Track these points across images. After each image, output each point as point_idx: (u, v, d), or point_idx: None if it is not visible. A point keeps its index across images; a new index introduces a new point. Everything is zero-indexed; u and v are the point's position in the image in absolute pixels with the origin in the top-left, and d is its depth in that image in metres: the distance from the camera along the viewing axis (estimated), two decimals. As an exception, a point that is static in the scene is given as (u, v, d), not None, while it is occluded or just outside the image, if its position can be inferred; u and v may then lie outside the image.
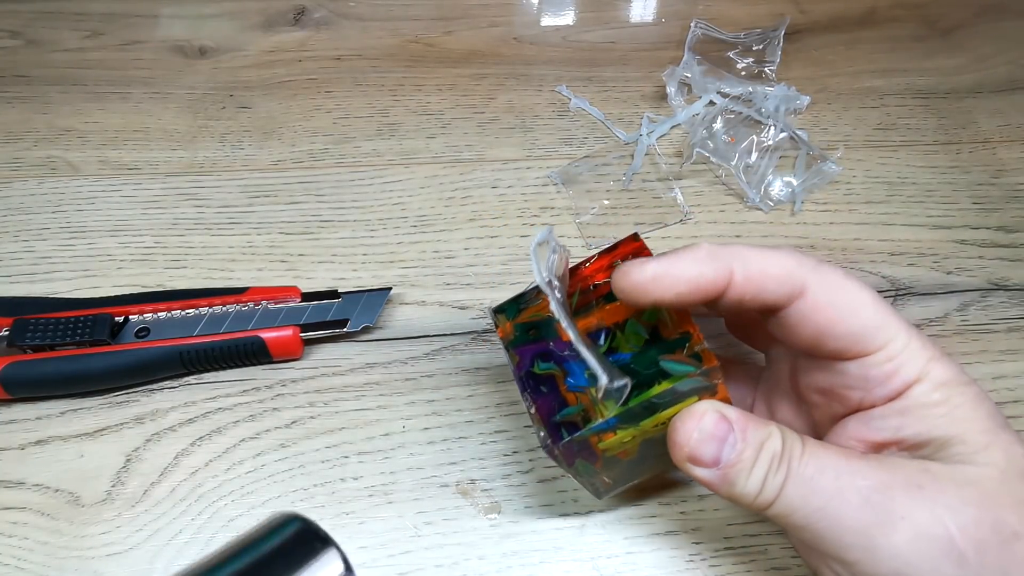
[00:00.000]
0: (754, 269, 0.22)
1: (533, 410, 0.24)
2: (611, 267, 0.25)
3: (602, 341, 0.24)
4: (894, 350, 0.22)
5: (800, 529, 0.21)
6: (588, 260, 0.26)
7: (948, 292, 0.36)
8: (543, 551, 0.28)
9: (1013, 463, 0.21)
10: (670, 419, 0.23)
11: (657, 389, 0.22)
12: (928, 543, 0.20)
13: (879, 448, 0.23)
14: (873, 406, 0.23)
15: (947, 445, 0.22)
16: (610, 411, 0.22)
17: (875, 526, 0.20)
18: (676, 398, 0.23)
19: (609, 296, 0.24)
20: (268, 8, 0.49)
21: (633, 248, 0.26)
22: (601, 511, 0.29)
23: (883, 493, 0.20)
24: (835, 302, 0.22)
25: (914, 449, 0.22)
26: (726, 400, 0.23)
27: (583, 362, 0.22)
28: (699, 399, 0.23)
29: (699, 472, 0.22)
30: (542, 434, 0.23)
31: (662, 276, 0.22)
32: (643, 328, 0.24)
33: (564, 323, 0.22)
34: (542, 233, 0.24)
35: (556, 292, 0.23)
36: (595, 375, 0.21)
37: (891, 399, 0.23)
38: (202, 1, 0.50)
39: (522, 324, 0.26)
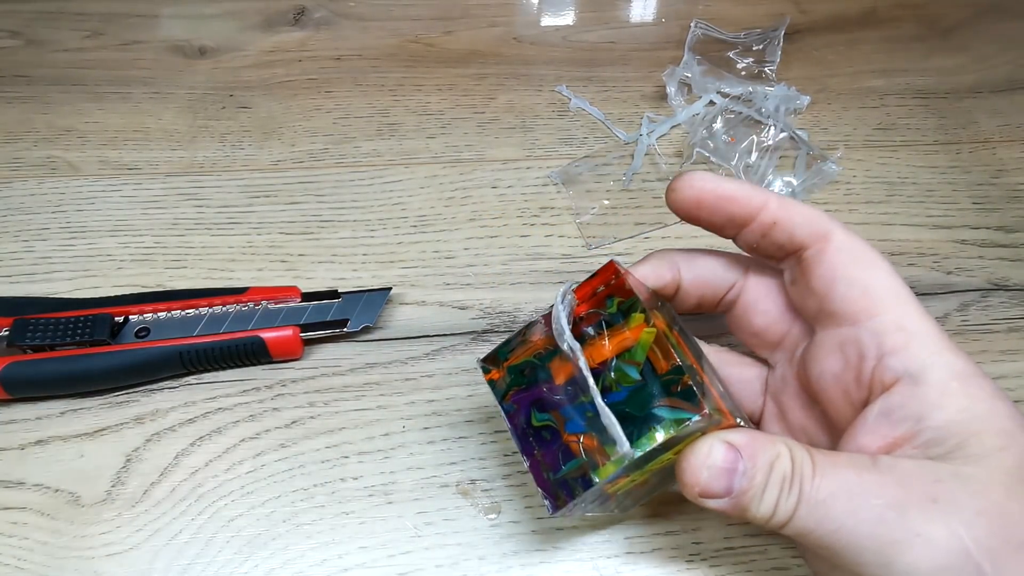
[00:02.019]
0: (787, 203, 0.24)
1: (530, 471, 0.23)
2: (593, 297, 0.25)
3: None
4: (907, 321, 0.22)
5: (816, 547, 0.21)
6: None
7: (948, 292, 0.36)
8: (543, 551, 0.28)
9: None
10: (679, 451, 0.22)
11: (658, 440, 0.21)
12: (945, 558, 0.20)
13: (896, 446, 0.22)
14: (887, 388, 0.22)
15: (964, 444, 0.21)
16: (615, 464, 0.22)
17: (891, 544, 0.20)
18: (680, 440, 0.22)
19: (597, 327, 0.24)
20: (268, 8, 0.49)
21: (609, 276, 0.25)
22: (601, 511, 0.29)
23: (897, 511, 0.20)
24: (856, 254, 0.23)
25: (930, 447, 0.22)
26: (730, 424, 0.22)
27: (579, 405, 0.22)
28: (703, 433, 0.22)
29: (712, 504, 0.22)
30: (546, 502, 0.23)
31: (711, 184, 0.24)
32: (633, 368, 0.23)
33: (590, 385, 0.22)
34: (564, 288, 0.23)
35: (580, 355, 0.23)
36: (612, 437, 0.21)
37: (905, 380, 0.22)
38: (202, 1, 0.50)
39: (514, 367, 0.25)
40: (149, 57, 0.46)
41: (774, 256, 0.25)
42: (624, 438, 0.21)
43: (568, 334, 0.23)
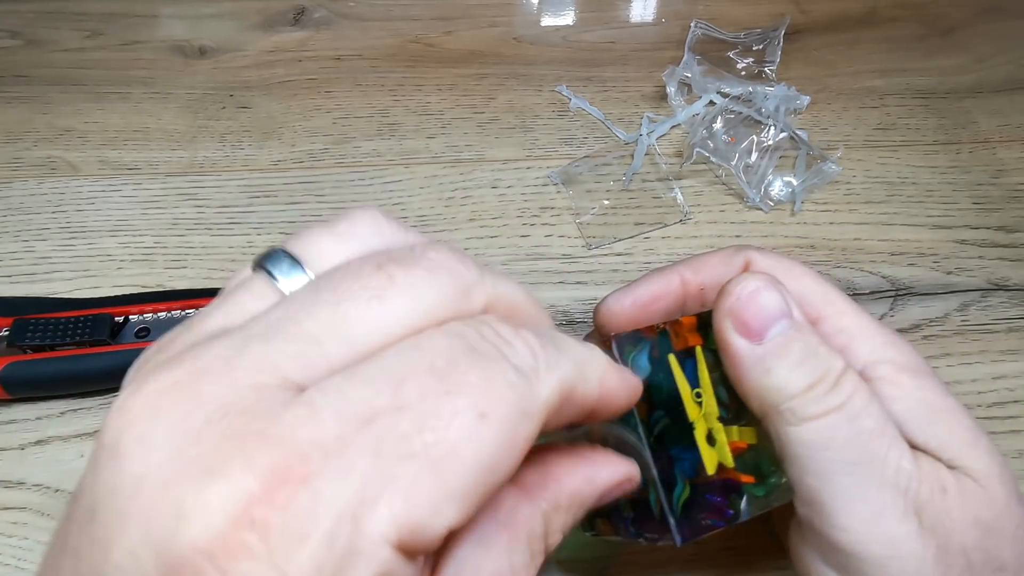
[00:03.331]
0: (695, 263, 0.24)
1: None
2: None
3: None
4: (844, 323, 0.22)
5: (801, 489, 0.20)
6: None
7: (948, 292, 0.36)
8: (543, 551, 0.28)
9: (998, 469, 0.21)
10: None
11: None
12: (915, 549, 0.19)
13: None
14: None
15: (927, 442, 0.20)
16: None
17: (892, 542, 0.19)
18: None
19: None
20: (268, 8, 0.49)
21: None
22: (601, 511, 0.29)
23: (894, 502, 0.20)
24: (780, 270, 0.22)
25: None
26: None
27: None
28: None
29: (735, 342, 0.20)
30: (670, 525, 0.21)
31: (630, 298, 0.24)
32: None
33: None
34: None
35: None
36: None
37: None
38: (202, 1, 0.50)
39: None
40: (149, 57, 0.46)
41: None
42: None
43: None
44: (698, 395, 0.21)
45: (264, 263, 0.16)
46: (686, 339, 0.22)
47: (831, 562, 0.20)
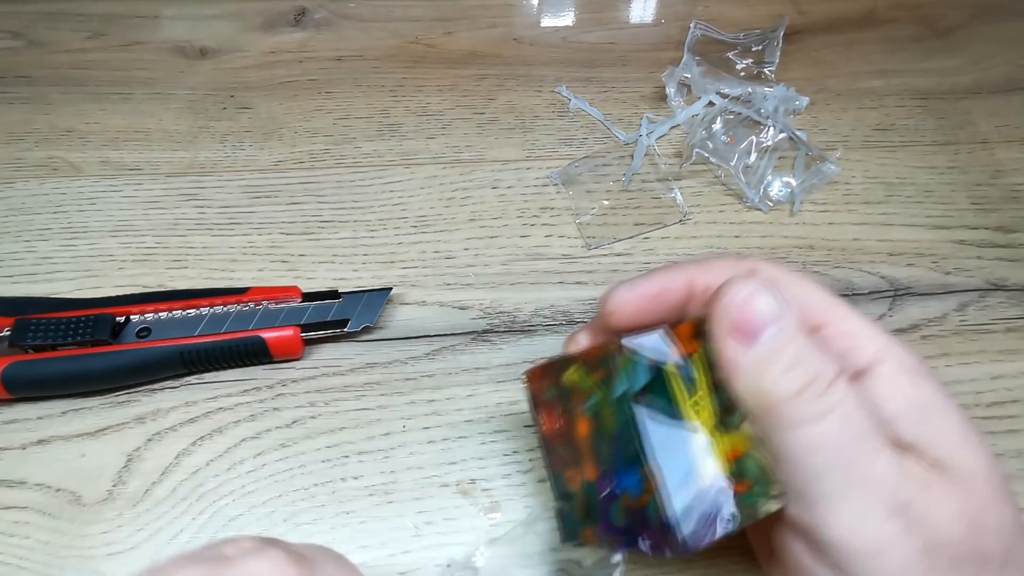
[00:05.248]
0: (704, 265, 0.24)
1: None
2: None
3: None
4: (847, 326, 0.22)
5: (792, 486, 0.20)
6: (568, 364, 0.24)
7: (947, 292, 0.36)
8: (543, 551, 0.28)
9: (984, 466, 0.21)
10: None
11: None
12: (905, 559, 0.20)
13: None
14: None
15: (917, 443, 0.21)
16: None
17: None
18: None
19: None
20: (269, 9, 0.49)
21: (537, 376, 0.25)
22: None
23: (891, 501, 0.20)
24: (783, 278, 0.23)
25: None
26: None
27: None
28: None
29: (728, 345, 0.21)
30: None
31: (637, 291, 0.24)
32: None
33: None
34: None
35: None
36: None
37: (854, 377, 0.22)
38: (203, 2, 0.50)
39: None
40: (150, 58, 0.46)
41: None
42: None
43: None
44: (696, 403, 0.21)
45: None
46: (683, 346, 0.22)
47: (823, 560, 0.21)
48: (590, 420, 0.23)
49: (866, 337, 0.22)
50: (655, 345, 0.22)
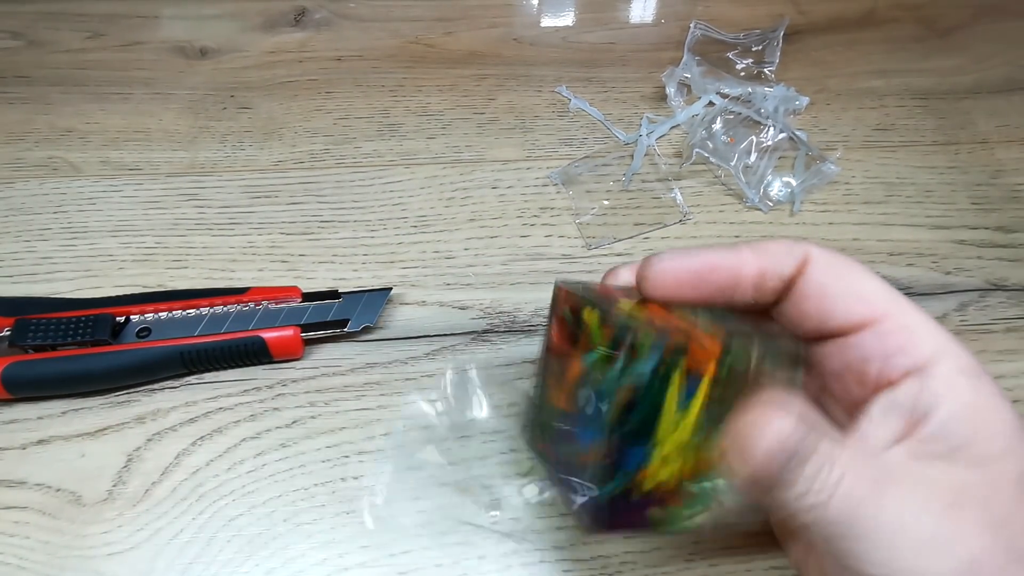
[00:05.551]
0: (761, 247, 0.23)
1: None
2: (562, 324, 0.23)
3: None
4: (907, 320, 0.22)
5: (821, 540, 0.20)
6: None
7: (947, 292, 0.36)
8: (543, 551, 0.28)
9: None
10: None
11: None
12: (955, 565, 0.19)
13: (899, 439, 0.21)
14: (893, 382, 0.21)
15: (969, 444, 0.21)
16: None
17: (904, 547, 0.20)
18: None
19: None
20: (269, 9, 0.49)
21: (564, 297, 0.24)
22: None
23: (916, 514, 0.20)
24: (840, 268, 0.22)
25: (933, 441, 0.21)
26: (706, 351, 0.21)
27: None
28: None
29: (741, 472, 0.20)
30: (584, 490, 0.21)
31: (683, 262, 0.22)
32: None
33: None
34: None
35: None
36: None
37: (912, 374, 0.21)
38: (203, 2, 0.50)
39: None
40: (150, 58, 0.46)
41: (768, 302, 0.24)
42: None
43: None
44: (679, 419, 0.21)
45: None
46: (702, 364, 0.21)
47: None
48: (583, 368, 0.22)
49: (924, 334, 0.22)
50: (672, 356, 0.21)
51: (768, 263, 0.23)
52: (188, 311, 0.33)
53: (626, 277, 0.25)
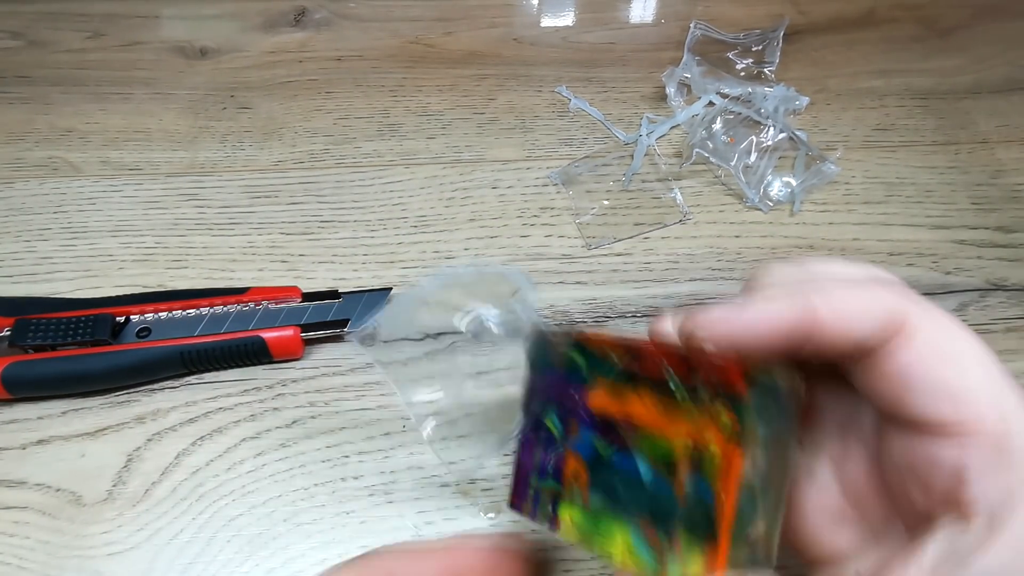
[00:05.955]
0: (836, 300, 0.18)
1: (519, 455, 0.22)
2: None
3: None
4: (1006, 441, 0.17)
5: None
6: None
7: (947, 292, 0.36)
8: (543, 551, 0.28)
9: None
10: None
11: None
12: None
13: None
14: (963, 516, 0.17)
15: None
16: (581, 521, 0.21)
17: None
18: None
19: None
20: (269, 9, 0.49)
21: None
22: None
23: None
24: (946, 355, 0.18)
25: None
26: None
27: (598, 441, 0.20)
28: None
29: None
30: (508, 493, 0.22)
31: (738, 319, 0.18)
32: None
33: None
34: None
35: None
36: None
37: (981, 520, 0.17)
38: (203, 2, 0.50)
39: (581, 346, 0.21)
40: (150, 58, 0.46)
41: (832, 361, 0.19)
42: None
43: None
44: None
45: None
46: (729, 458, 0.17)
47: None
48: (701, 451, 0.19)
49: (1016, 467, 0.17)
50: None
51: (843, 324, 0.18)
52: (188, 311, 0.33)
53: (668, 330, 0.20)
